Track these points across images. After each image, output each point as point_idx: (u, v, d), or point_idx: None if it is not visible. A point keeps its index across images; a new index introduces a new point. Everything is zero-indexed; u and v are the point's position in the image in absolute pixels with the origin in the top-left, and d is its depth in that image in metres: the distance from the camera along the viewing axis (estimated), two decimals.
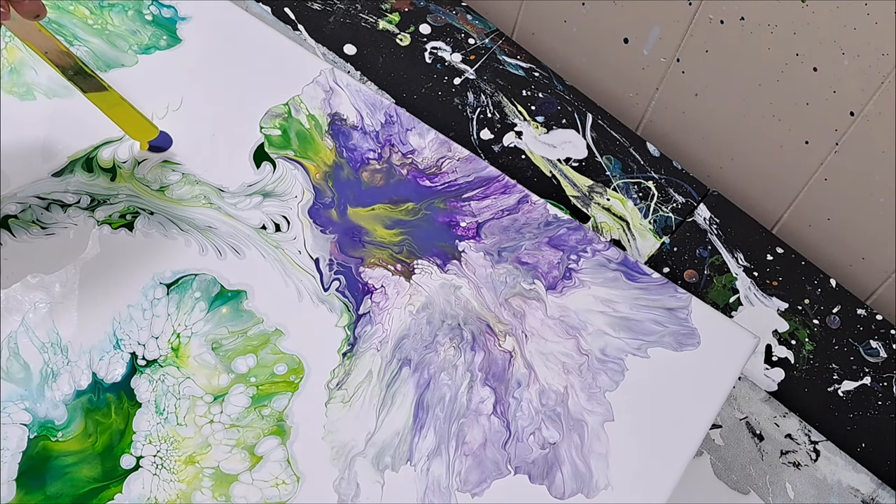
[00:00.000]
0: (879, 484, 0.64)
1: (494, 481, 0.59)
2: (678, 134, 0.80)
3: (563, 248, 0.67)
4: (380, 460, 0.59)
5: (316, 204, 0.67)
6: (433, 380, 0.61)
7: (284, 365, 0.61)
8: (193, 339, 0.61)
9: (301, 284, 0.64)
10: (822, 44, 0.66)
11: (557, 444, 0.60)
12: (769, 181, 0.77)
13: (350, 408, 0.60)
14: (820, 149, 0.71)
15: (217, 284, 0.63)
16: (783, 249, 0.72)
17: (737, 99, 0.73)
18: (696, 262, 0.71)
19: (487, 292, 0.65)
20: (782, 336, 0.69)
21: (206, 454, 0.58)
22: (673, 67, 0.75)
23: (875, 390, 0.68)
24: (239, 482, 0.58)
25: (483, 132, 0.74)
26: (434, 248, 0.66)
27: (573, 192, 0.72)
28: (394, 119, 0.71)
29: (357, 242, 0.66)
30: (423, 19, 0.79)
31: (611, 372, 0.62)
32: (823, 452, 0.65)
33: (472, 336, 0.63)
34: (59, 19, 0.71)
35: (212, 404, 0.60)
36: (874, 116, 0.67)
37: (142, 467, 0.57)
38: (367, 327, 0.63)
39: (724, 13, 0.69)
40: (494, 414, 0.61)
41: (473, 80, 0.76)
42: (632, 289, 0.65)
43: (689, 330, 0.64)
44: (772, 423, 0.66)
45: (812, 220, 0.76)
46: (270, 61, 0.71)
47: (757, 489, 0.63)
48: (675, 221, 0.72)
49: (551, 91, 0.76)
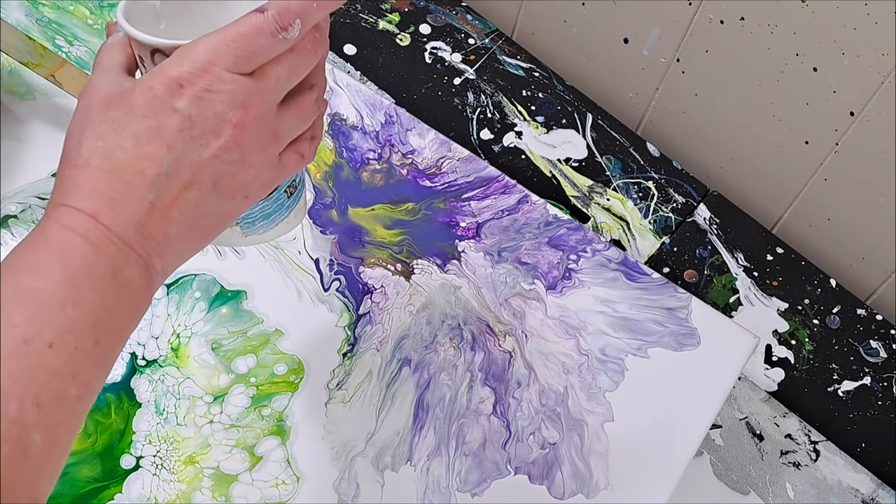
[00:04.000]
0: (879, 484, 0.64)
1: (494, 481, 0.59)
2: (678, 134, 0.80)
3: (563, 248, 0.67)
4: (380, 460, 0.59)
5: (316, 204, 0.67)
6: (433, 380, 0.61)
7: (284, 365, 0.61)
8: (193, 339, 0.61)
9: (301, 284, 0.64)
10: (822, 44, 0.66)
11: (557, 444, 0.60)
12: (769, 181, 0.77)
13: (350, 408, 0.60)
14: (820, 149, 0.71)
15: (217, 284, 0.63)
16: (783, 249, 0.72)
17: (737, 99, 0.73)
18: (696, 262, 0.71)
19: (487, 292, 0.65)
20: (782, 336, 0.69)
21: (205, 454, 0.58)
22: (673, 67, 0.75)
23: (875, 390, 0.68)
24: (239, 482, 0.58)
25: (483, 132, 0.74)
26: (434, 248, 0.66)
27: (573, 192, 0.72)
28: (394, 119, 0.71)
29: (357, 242, 0.66)
30: (423, 19, 0.79)
31: (611, 372, 0.62)
32: (823, 452, 0.65)
33: (472, 336, 0.63)
34: (59, 19, 0.71)
35: (212, 404, 0.60)
36: (874, 116, 0.67)
37: (142, 467, 0.57)
38: (367, 327, 0.63)
39: (724, 13, 0.69)
40: (494, 414, 0.61)
41: (473, 80, 0.76)
42: (632, 289, 0.65)
43: (689, 330, 0.64)
44: (772, 423, 0.66)
45: (812, 220, 0.76)
46: None
47: (757, 489, 0.63)
48: (675, 221, 0.72)
49: (551, 91, 0.76)
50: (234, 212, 0.42)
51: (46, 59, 0.65)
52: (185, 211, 0.39)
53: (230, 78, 0.39)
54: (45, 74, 0.65)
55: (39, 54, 0.65)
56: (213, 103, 0.39)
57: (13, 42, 0.64)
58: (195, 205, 0.40)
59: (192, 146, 0.39)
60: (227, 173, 0.40)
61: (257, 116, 0.40)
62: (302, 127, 0.44)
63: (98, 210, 0.38)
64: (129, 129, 0.39)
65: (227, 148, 0.40)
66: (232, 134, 0.40)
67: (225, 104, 0.39)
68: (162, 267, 0.40)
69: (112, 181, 0.38)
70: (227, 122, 0.39)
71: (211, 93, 0.39)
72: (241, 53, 0.39)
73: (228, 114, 0.39)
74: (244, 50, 0.39)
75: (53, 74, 0.65)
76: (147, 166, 0.38)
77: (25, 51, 0.64)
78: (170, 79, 0.39)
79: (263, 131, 0.41)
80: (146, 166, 0.38)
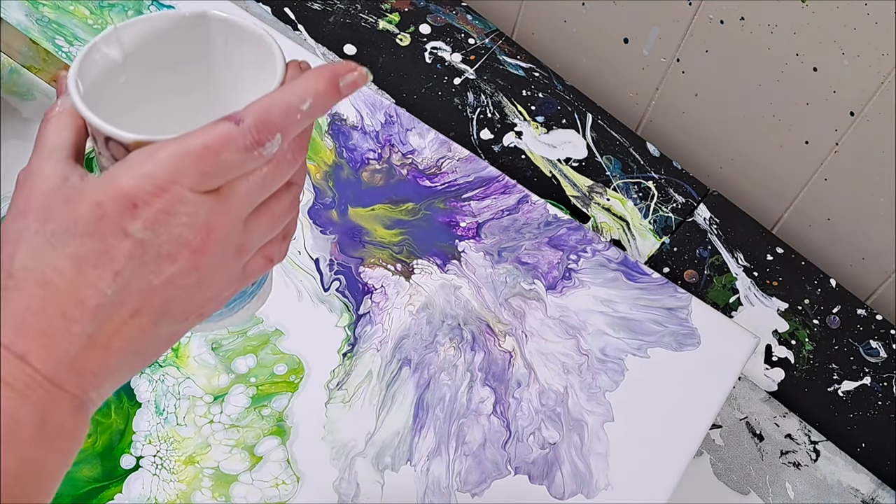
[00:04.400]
0: (879, 484, 0.64)
1: (494, 481, 0.59)
2: (678, 134, 0.80)
3: (563, 248, 0.67)
4: (380, 460, 0.59)
5: (316, 204, 0.67)
6: (433, 380, 0.61)
7: (284, 365, 0.61)
8: (193, 339, 0.61)
9: (301, 284, 0.64)
10: (822, 44, 0.66)
11: (557, 444, 0.60)
12: (769, 181, 0.77)
13: (350, 408, 0.60)
14: (820, 149, 0.71)
15: None
16: (783, 249, 0.72)
17: (737, 99, 0.73)
18: (696, 262, 0.71)
19: (487, 292, 0.65)
20: (782, 336, 0.69)
21: (205, 454, 0.58)
22: (673, 67, 0.75)
23: (875, 390, 0.68)
24: (239, 482, 0.58)
25: (483, 132, 0.74)
26: (434, 248, 0.66)
27: (573, 192, 0.72)
28: (394, 119, 0.71)
29: (357, 242, 0.66)
30: (423, 19, 0.79)
31: (611, 372, 0.62)
32: (823, 452, 0.65)
33: (472, 336, 0.63)
34: (59, 19, 0.71)
35: (212, 404, 0.60)
36: (874, 116, 0.67)
37: (142, 467, 0.57)
38: (367, 327, 0.63)
39: (724, 13, 0.69)
40: (494, 414, 0.61)
41: (473, 80, 0.76)
42: (632, 289, 0.65)
43: (689, 330, 0.64)
44: (772, 423, 0.66)
45: (812, 220, 0.76)
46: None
47: (757, 489, 0.63)
48: (675, 221, 0.72)
49: (551, 91, 0.76)
50: (186, 330, 0.37)
51: (49, 64, 0.65)
52: (129, 340, 0.34)
53: (192, 199, 0.34)
54: (48, 80, 0.65)
55: (42, 59, 0.65)
56: (171, 227, 0.34)
57: (17, 45, 0.64)
58: (141, 332, 0.35)
59: (143, 272, 0.34)
60: (180, 297, 0.35)
61: (221, 237, 0.35)
62: (273, 232, 0.38)
63: (27, 349, 0.33)
64: (71, 248, 0.33)
65: (182, 273, 0.34)
66: (190, 258, 0.34)
67: (184, 227, 0.34)
68: (99, 396, 0.35)
69: (46, 313, 0.33)
70: (186, 246, 0.34)
71: (169, 215, 0.33)
72: (207, 170, 0.34)
73: (188, 237, 0.34)
74: (211, 167, 0.34)
75: (56, 80, 0.65)
76: (89, 295, 0.33)
77: (29, 55, 0.64)
78: (123, 196, 0.33)
79: (227, 249, 0.36)
80: (88, 295, 0.33)
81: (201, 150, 0.34)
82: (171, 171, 0.33)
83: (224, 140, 0.34)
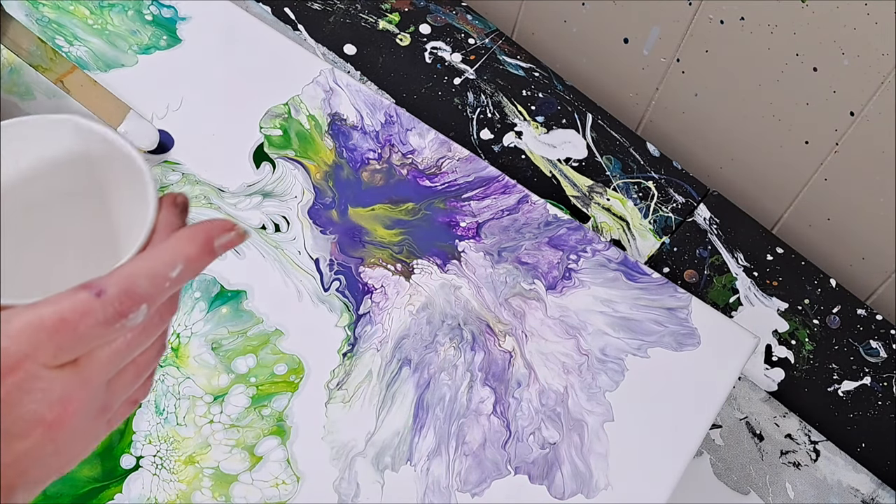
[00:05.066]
0: (879, 484, 0.64)
1: (494, 481, 0.59)
2: (678, 134, 0.80)
3: (563, 248, 0.67)
4: (380, 460, 0.59)
5: (316, 204, 0.67)
6: (433, 380, 0.61)
7: (284, 365, 0.61)
8: (193, 339, 0.61)
9: (301, 284, 0.64)
10: (822, 44, 0.66)
11: (557, 444, 0.60)
12: (769, 181, 0.77)
13: (350, 408, 0.60)
14: (820, 149, 0.71)
15: (217, 284, 0.63)
16: (783, 249, 0.72)
17: (737, 99, 0.73)
18: (696, 262, 0.71)
19: (487, 292, 0.65)
20: (782, 336, 0.69)
21: (205, 454, 0.58)
22: (673, 67, 0.75)
23: (875, 390, 0.68)
24: (239, 482, 0.58)
25: (483, 132, 0.74)
26: (434, 248, 0.66)
27: (573, 192, 0.72)
28: (394, 119, 0.71)
29: (357, 242, 0.66)
30: (423, 19, 0.79)
31: (611, 372, 0.62)
32: (823, 452, 0.65)
33: (472, 336, 0.63)
34: (59, 19, 0.71)
35: (212, 404, 0.60)
36: (874, 116, 0.67)
37: (142, 467, 0.57)
38: (367, 327, 0.63)
39: (724, 13, 0.69)
40: (494, 414, 0.61)
41: (473, 80, 0.76)
42: (632, 289, 0.65)
43: (689, 330, 0.64)
44: (772, 423, 0.66)
45: (812, 220, 0.76)
46: (270, 61, 0.71)
47: (757, 489, 0.63)
48: (675, 221, 0.72)
49: (551, 91, 0.76)
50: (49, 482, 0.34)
51: (56, 64, 0.65)
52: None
53: (46, 375, 0.31)
54: (54, 80, 0.65)
55: (50, 58, 0.64)
56: (23, 405, 0.31)
57: (25, 44, 0.64)
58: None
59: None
60: (36, 467, 0.32)
61: (79, 408, 0.32)
62: (139, 381, 0.36)
63: None
64: None
65: (37, 447, 0.32)
66: (45, 433, 0.32)
67: (39, 403, 0.31)
68: None
69: None
70: (40, 422, 0.32)
71: (22, 392, 0.31)
72: (63, 345, 0.31)
73: (42, 413, 0.31)
74: (67, 341, 0.31)
75: (62, 80, 0.65)
76: None
77: (36, 54, 0.64)
78: None
79: (87, 416, 0.33)
80: None
81: (57, 323, 0.31)
82: (24, 346, 0.31)
83: (82, 313, 0.31)
